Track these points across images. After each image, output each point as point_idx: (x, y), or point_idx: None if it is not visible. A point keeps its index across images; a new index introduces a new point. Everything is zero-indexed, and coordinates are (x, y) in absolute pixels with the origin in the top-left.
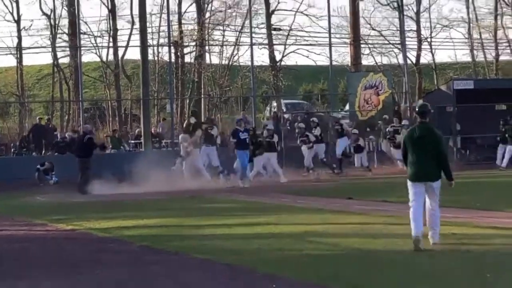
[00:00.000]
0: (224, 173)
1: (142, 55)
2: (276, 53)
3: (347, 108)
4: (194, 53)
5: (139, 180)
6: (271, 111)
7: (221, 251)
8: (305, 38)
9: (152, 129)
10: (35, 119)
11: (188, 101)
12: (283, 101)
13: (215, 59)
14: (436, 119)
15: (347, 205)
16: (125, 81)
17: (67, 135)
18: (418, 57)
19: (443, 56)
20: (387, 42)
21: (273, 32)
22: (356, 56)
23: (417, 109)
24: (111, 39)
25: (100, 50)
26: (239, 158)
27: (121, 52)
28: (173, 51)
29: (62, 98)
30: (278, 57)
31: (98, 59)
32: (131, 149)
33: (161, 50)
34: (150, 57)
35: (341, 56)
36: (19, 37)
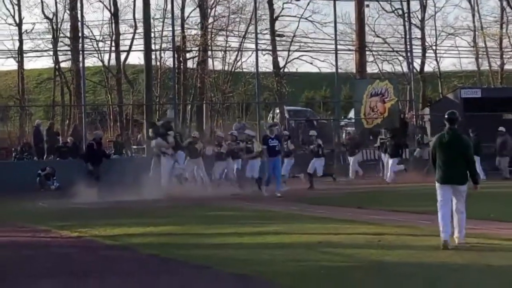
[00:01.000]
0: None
1: (146, 60)
2: (279, 59)
3: (350, 115)
4: (196, 58)
5: (141, 186)
6: (273, 118)
7: (234, 261)
8: (309, 44)
9: None
10: (36, 122)
11: (190, 107)
12: (286, 108)
13: (218, 65)
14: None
15: (357, 214)
16: (126, 86)
17: (68, 139)
18: (422, 64)
19: (448, 64)
20: (391, 49)
21: (277, 38)
22: (361, 63)
23: (446, 116)
24: (113, 43)
25: (102, 54)
26: (269, 165)
27: (123, 56)
28: (175, 56)
29: (63, 102)
30: (281, 63)
31: (98, 64)
32: (133, 155)
33: (163, 55)
34: (152, 62)
35: (345, 63)
36: (20, 40)
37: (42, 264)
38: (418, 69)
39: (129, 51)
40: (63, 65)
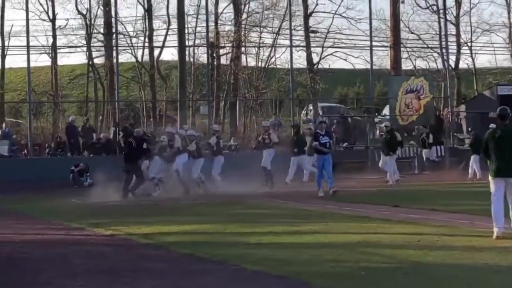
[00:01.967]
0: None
1: (179, 56)
2: (313, 55)
3: (384, 112)
4: (230, 54)
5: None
6: (307, 114)
7: (271, 261)
8: (343, 40)
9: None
10: (70, 118)
11: (223, 103)
12: (319, 104)
13: (252, 61)
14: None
15: (394, 213)
16: (159, 82)
17: (102, 135)
18: (457, 61)
19: (483, 60)
20: (426, 46)
21: (311, 34)
22: (396, 59)
23: (498, 113)
24: (147, 39)
25: (135, 50)
26: (318, 162)
27: (156, 52)
28: (209, 52)
29: (96, 98)
30: (315, 59)
31: (131, 59)
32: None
33: (197, 51)
34: (186, 58)
35: (379, 59)
36: (54, 36)
37: (75, 262)
38: (452, 66)
39: (162, 47)
40: (96, 61)
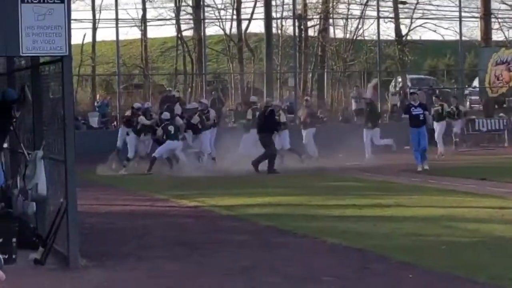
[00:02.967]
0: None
1: (266, 28)
2: (402, 27)
3: (474, 84)
4: (318, 26)
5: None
6: (396, 86)
7: (352, 234)
8: (433, 11)
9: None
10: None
11: (311, 75)
12: (408, 76)
13: (339, 33)
14: None
15: (481, 187)
16: (247, 54)
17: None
18: None
19: None
20: None
21: (399, 5)
22: (486, 30)
23: None
24: (235, 12)
25: (223, 23)
26: (411, 135)
27: (244, 25)
28: (296, 24)
29: (185, 71)
30: (404, 31)
31: (221, 32)
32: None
33: (284, 23)
34: (273, 31)
35: (469, 30)
36: (144, 9)
37: (158, 234)
38: None
39: (250, 20)
40: (185, 33)
